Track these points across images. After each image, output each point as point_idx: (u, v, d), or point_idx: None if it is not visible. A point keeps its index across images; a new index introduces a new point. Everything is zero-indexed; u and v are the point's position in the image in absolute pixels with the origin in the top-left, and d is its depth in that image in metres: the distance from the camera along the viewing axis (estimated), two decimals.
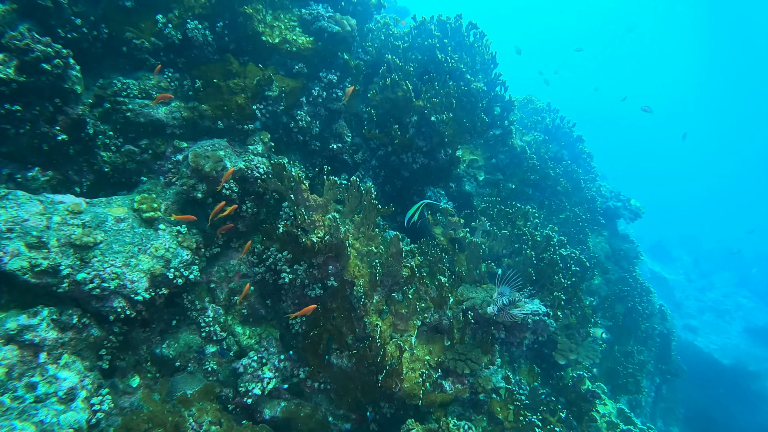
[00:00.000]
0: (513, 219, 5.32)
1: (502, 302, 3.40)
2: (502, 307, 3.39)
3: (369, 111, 4.48)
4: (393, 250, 3.95)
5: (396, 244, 3.94)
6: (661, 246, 18.24)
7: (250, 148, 4.14)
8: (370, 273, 3.90)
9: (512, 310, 3.41)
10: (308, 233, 3.92)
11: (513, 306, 3.46)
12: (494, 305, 3.46)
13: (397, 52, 4.76)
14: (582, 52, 13.02)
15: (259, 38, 4.16)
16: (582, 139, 7.15)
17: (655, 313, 7.97)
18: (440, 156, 4.94)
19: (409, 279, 4.00)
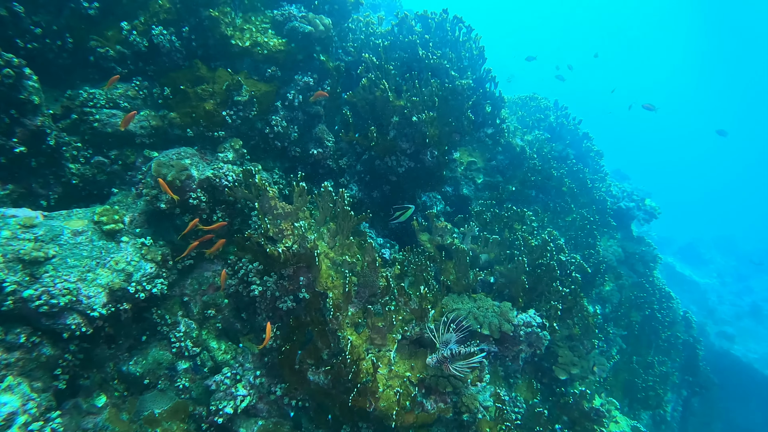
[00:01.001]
0: (509, 223, 4.99)
1: (444, 354, 3.05)
2: (443, 359, 3.04)
3: (345, 113, 4.27)
4: (368, 260, 3.71)
5: (370, 253, 3.70)
6: (692, 248, 17.23)
7: (220, 155, 4.00)
8: (344, 284, 3.66)
9: (456, 363, 3.05)
10: (277, 243, 3.73)
11: (459, 357, 3.10)
12: (434, 356, 3.12)
13: (377, 50, 4.55)
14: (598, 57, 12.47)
15: (228, 42, 4.02)
16: (589, 136, 6.72)
17: (678, 321, 7.40)
18: (426, 158, 4.68)
19: (386, 290, 3.75)
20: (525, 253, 4.43)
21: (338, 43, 4.85)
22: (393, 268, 4.06)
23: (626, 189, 7.05)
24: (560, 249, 4.56)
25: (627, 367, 6.60)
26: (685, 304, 13.74)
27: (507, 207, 5.05)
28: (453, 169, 6.11)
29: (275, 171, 4.66)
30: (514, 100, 7.28)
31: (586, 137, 6.70)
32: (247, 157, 4.36)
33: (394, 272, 4.01)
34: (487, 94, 4.83)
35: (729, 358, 11.91)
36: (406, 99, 4.32)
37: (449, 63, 4.54)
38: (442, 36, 4.71)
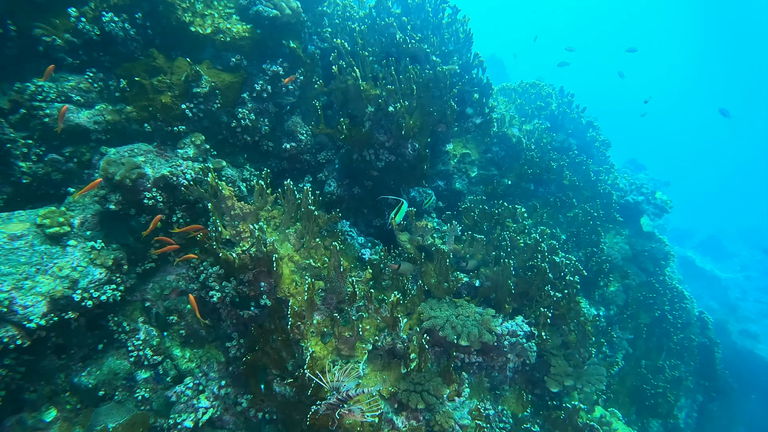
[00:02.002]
0: (500, 220, 4.61)
1: (332, 401, 2.69)
2: (333, 405, 2.69)
3: (315, 104, 3.95)
4: (333, 263, 3.41)
5: (336, 257, 3.39)
6: (715, 240, 16.39)
7: (179, 152, 3.73)
8: (309, 290, 3.37)
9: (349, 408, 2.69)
10: (235, 246, 3.46)
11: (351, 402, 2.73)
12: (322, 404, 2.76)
13: (353, 35, 4.20)
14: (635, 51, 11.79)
15: (188, 29, 3.74)
16: (594, 125, 6.24)
17: (692, 322, 6.91)
18: (407, 151, 4.33)
19: (353, 297, 3.44)
20: (513, 255, 4.06)
21: (312, 29, 4.51)
22: (365, 272, 3.74)
23: (636, 182, 6.56)
24: (553, 250, 4.17)
25: (635, 372, 6.17)
26: (705, 300, 13.08)
27: (498, 203, 4.67)
28: (445, 161, 5.75)
29: (246, 167, 4.38)
30: (513, 88, 6.83)
31: (590, 126, 6.22)
32: (213, 153, 4.09)
33: (365, 277, 3.70)
34: (475, 81, 4.44)
35: (753, 359, 11.26)
36: (382, 87, 3.97)
37: (430, 47, 4.16)
38: (424, 18, 4.33)
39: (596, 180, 5.96)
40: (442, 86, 4.14)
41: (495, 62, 18.94)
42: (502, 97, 6.67)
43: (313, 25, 4.48)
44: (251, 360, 3.56)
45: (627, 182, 6.54)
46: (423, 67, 4.22)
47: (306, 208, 3.52)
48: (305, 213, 3.53)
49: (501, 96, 6.76)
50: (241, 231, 3.39)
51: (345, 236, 4.62)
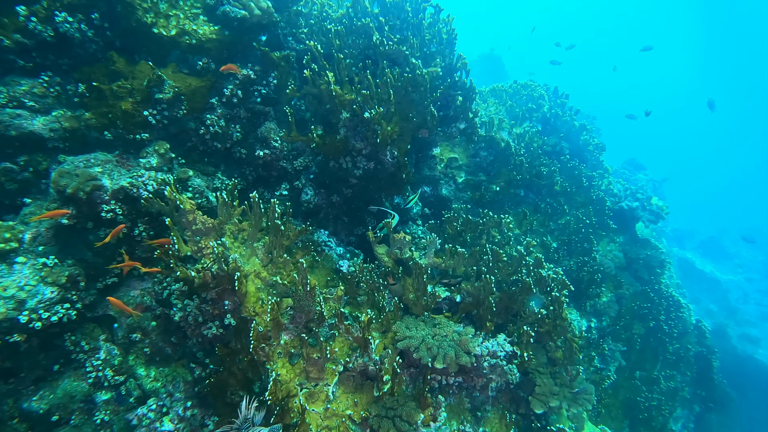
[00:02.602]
0: (485, 231, 4.40)
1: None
2: None
3: (286, 110, 3.74)
4: (301, 281, 3.21)
5: (303, 274, 3.19)
6: (716, 241, 16.13)
7: (141, 161, 3.52)
8: (273, 310, 3.17)
9: None
10: (197, 263, 3.26)
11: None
12: None
13: (328, 36, 3.98)
14: (650, 50, 11.52)
15: (150, 31, 3.52)
16: (587, 128, 6.00)
17: (689, 331, 6.70)
18: (386, 159, 4.11)
19: (321, 317, 3.24)
20: (496, 269, 3.85)
21: (287, 30, 4.29)
22: (336, 288, 3.54)
23: (631, 186, 6.33)
24: (539, 263, 3.96)
25: (628, 383, 5.97)
26: (705, 304, 12.84)
27: (483, 212, 4.45)
28: (432, 166, 5.54)
29: (217, 176, 4.17)
30: (504, 89, 6.60)
31: (583, 129, 5.99)
32: (181, 161, 3.88)
33: (337, 294, 3.50)
34: (458, 84, 4.21)
35: (752, 363, 11.04)
36: (357, 92, 3.75)
37: (409, 49, 3.94)
38: (404, 18, 4.10)
39: (589, 186, 5.74)
40: (422, 90, 3.93)
41: (493, 59, 18.66)
42: (492, 99, 6.44)
43: (287, 26, 4.25)
44: (217, 381, 3.37)
45: (622, 187, 6.31)
46: (402, 70, 4.00)
47: (272, 223, 3.31)
48: (272, 227, 3.33)
49: (492, 97, 6.53)
50: (203, 247, 3.19)
51: (322, 247, 4.42)
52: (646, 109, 9.52)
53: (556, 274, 4.02)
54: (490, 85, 16.87)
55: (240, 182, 4.37)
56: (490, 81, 18.28)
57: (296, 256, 3.77)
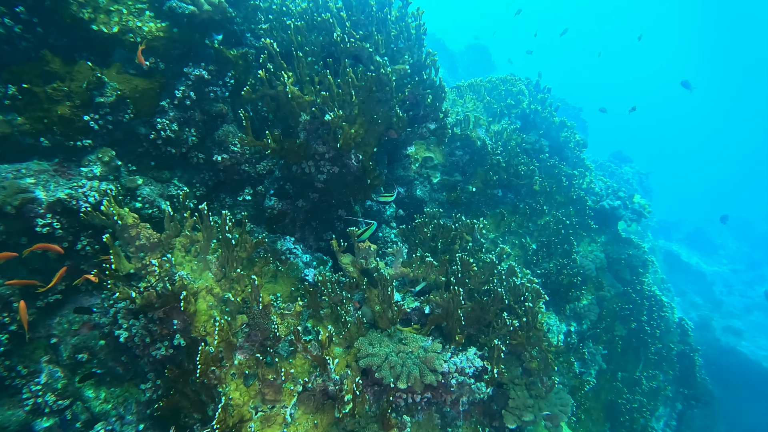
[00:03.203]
0: (458, 236, 4.21)
1: None
2: None
3: (241, 113, 3.49)
4: (253, 298, 3.00)
5: (255, 291, 2.98)
6: (701, 233, 16.15)
7: (83, 170, 3.27)
8: (222, 331, 2.96)
9: None
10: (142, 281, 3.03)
11: None
12: None
13: (287, 32, 3.72)
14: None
15: (88, 27, 3.24)
16: (567, 125, 5.81)
17: (671, 330, 6.61)
18: (351, 163, 3.89)
19: (276, 337, 3.04)
20: (466, 279, 3.67)
21: (244, 26, 4.03)
22: (295, 304, 3.34)
23: (613, 184, 6.16)
24: (512, 272, 3.78)
25: (610, 385, 5.87)
26: (690, 296, 12.85)
27: (456, 216, 4.26)
28: (406, 166, 5.33)
29: (174, 182, 3.93)
30: (482, 84, 6.38)
31: (563, 126, 5.79)
32: (131, 168, 3.63)
33: (295, 309, 3.30)
34: (427, 82, 3.99)
35: (735, 356, 11.08)
36: (316, 93, 3.52)
37: (374, 46, 3.70)
38: (368, 13, 3.85)
39: (569, 185, 5.56)
40: (388, 90, 3.70)
41: (480, 49, 18.40)
42: (470, 95, 6.22)
43: (245, 21, 3.99)
44: (169, 403, 3.17)
45: (604, 185, 6.15)
46: (367, 69, 3.77)
47: (224, 236, 3.09)
48: (223, 241, 3.10)
49: (470, 93, 6.31)
50: (148, 264, 2.96)
51: (286, 255, 4.22)
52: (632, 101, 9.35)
53: (530, 283, 3.84)
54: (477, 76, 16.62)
55: (199, 188, 4.13)
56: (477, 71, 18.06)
57: (255, 268, 3.56)
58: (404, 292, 4.04)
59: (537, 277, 5.16)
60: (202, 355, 2.82)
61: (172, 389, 3.16)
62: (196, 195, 4.09)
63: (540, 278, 5.14)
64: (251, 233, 4.17)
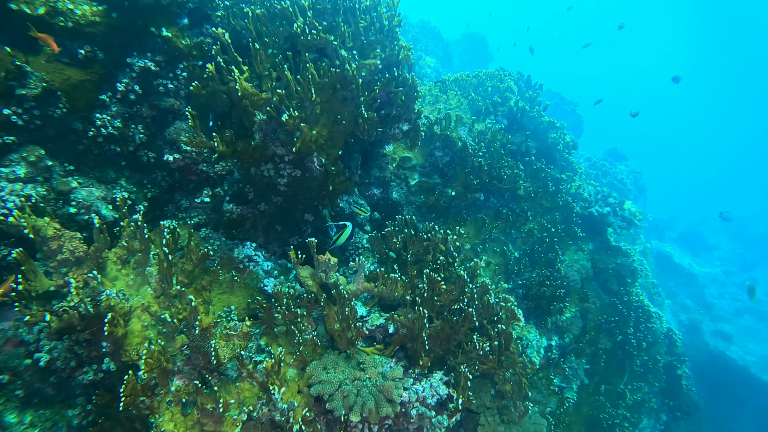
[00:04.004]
0: (431, 247, 3.91)
1: None
2: None
3: (189, 111, 3.14)
4: (191, 320, 2.69)
5: (193, 313, 2.67)
6: (695, 233, 15.93)
7: (3, 171, 2.93)
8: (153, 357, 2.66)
9: None
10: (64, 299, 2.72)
11: None
12: None
13: (244, 21, 3.36)
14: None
15: (5, 6, 2.87)
16: (555, 126, 5.47)
17: (659, 341, 6.37)
18: (314, 166, 3.56)
19: (219, 359, 2.74)
20: (434, 297, 3.37)
21: (200, 11, 3.65)
22: (242, 324, 3.04)
23: (603, 189, 5.84)
24: (485, 290, 3.48)
25: (592, 400, 5.63)
26: (681, 299, 12.65)
27: (429, 225, 3.95)
28: (382, 167, 5.01)
29: (121, 182, 3.59)
30: (468, 79, 6.01)
31: (552, 127, 5.45)
32: (69, 168, 3.29)
33: (242, 330, 2.99)
34: (399, 79, 3.64)
35: (723, 361, 10.91)
36: (272, 91, 3.17)
37: (339, 39, 3.34)
38: (335, 1, 3.49)
39: (556, 190, 5.25)
40: (354, 87, 3.35)
41: (476, 38, 17.92)
42: (455, 90, 5.86)
43: (200, 7, 3.61)
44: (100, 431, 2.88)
45: (594, 190, 5.84)
46: (332, 64, 3.42)
47: (160, 251, 2.77)
48: (160, 257, 2.78)
49: (456, 88, 5.95)
50: (71, 281, 2.64)
51: (245, 263, 3.90)
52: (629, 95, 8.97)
53: (505, 302, 3.55)
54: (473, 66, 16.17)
55: (151, 190, 3.79)
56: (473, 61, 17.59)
57: (203, 281, 3.25)
58: (371, 306, 3.75)
59: (518, 287, 4.88)
60: (128, 386, 2.52)
61: (103, 416, 2.87)
62: (147, 197, 3.75)
63: (521, 289, 4.86)
64: (206, 239, 3.85)
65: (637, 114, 8.78)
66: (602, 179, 10.31)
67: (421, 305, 3.25)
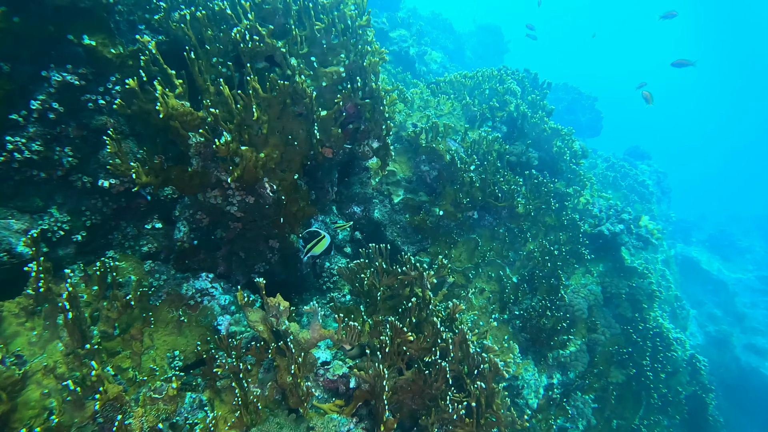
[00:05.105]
0: (406, 282, 3.39)
1: None
2: None
3: (111, 132, 2.69)
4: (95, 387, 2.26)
5: (98, 381, 2.23)
6: (725, 235, 14.83)
7: None
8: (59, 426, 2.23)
9: None
10: None
11: None
12: None
13: (182, 25, 2.88)
14: None
15: None
16: (560, 132, 4.81)
17: (680, 370, 5.70)
18: (266, 193, 3.08)
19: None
20: (403, 347, 2.86)
21: (134, 15, 3.19)
22: (167, 386, 2.59)
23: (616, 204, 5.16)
24: (463, 339, 2.95)
25: None
26: (708, 308, 11.75)
27: (403, 257, 3.42)
28: (364, 182, 4.51)
29: (51, 212, 3.18)
30: (462, 81, 5.39)
31: (556, 134, 4.81)
32: None
33: (167, 393, 2.55)
34: (366, 89, 3.11)
35: (757, 378, 10.04)
36: (207, 109, 2.69)
37: (288, 45, 2.83)
38: (285, 3, 2.97)
39: (561, 207, 4.64)
40: (307, 102, 2.84)
41: (491, 30, 17.12)
42: (450, 92, 5.26)
43: (135, 9, 3.15)
44: None
45: (605, 204, 5.18)
46: (283, 74, 2.92)
47: (61, 305, 2.33)
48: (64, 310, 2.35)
49: (450, 90, 5.36)
50: None
51: (198, 298, 3.47)
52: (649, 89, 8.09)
53: (487, 353, 3.01)
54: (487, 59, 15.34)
55: (90, 217, 3.38)
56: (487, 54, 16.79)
57: (132, 329, 2.82)
58: (335, 349, 3.28)
59: (515, 318, 4.31)
60: None
61: None
62: (86, 226, 3.34)
63: (518, 320, 4.30)
64: (152, 273, 3.42)
65: (644, 85, 7.91)
66: (621, 182, 9.53)
67: (384, 359, 2.74)
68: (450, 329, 3.21)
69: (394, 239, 4.39)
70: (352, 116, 3.36)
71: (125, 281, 3.22)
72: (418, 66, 8.10)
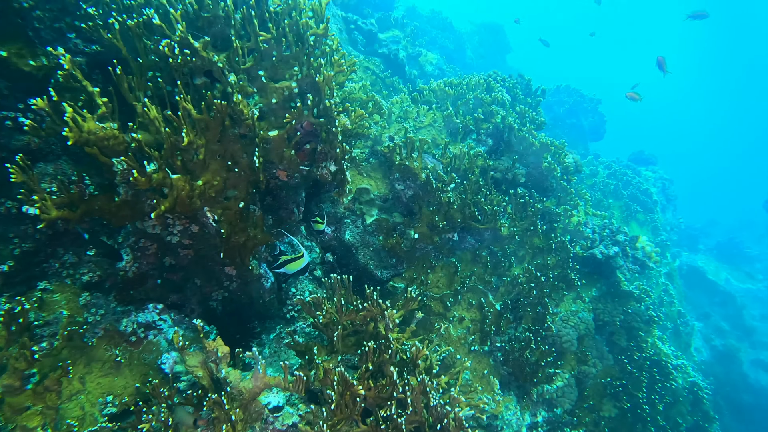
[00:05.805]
0: (369, 318, 3.06)
1: None
2: None
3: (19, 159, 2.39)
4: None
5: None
6: (734, 243, 14.31)
7: None
8: None
9: None
10: None
11: None
12: None
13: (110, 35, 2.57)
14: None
15: None
16: (550, 147, 4.40)
17: (680, 400, 5.32)
18: (208, 222, 2.77)
19: None
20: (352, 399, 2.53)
21: (61, 23, 2.87)
22: None
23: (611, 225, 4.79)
24: (423, 391, 2.62)
25: None
26: (714, 321, 11.28)
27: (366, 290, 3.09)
28: (335, 201, 4.18)
29: None
30: (445, 90, 5.01)
31: (546, 148, 4.42)
32: None
33: None
34: (320, 107, 2.77)
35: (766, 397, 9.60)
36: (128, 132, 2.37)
37: (227, 60, 2.50)
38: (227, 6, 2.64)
39: (549, 228, 4.28)
40: (248, 123, 2.52)
41: (493, 29, 16.70)
42: (432, 103, 4.91)
43: (61, 16, 2.84)
44: None
45: (599, 224, 4.81)
46: (223, 91, 2.60)
47: None
48: None
49: (433, 100, 5.00)
50: None
51: (141, 333, 3.17)
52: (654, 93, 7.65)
53: (453, 406, 2.67)
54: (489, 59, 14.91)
55: (20, 245, 3.08)
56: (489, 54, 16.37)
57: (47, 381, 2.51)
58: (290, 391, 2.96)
59: (497, 350, 3.97)
60: None
61: None
62: (14, 254, 3.04)
63: (500, 352, 3.95)
64: (87, 307, 3.12)
65: (637, 86, 7.55)
66: (623, 191, 9.10)
67: (334, 413, 2.42)
68: (414, 374, 2.88)
69: (367, 263, 4.06)
70: (309, 134, 3.04)
71: (54, 318, 2.92)
72: (409, 69, 7.74)
